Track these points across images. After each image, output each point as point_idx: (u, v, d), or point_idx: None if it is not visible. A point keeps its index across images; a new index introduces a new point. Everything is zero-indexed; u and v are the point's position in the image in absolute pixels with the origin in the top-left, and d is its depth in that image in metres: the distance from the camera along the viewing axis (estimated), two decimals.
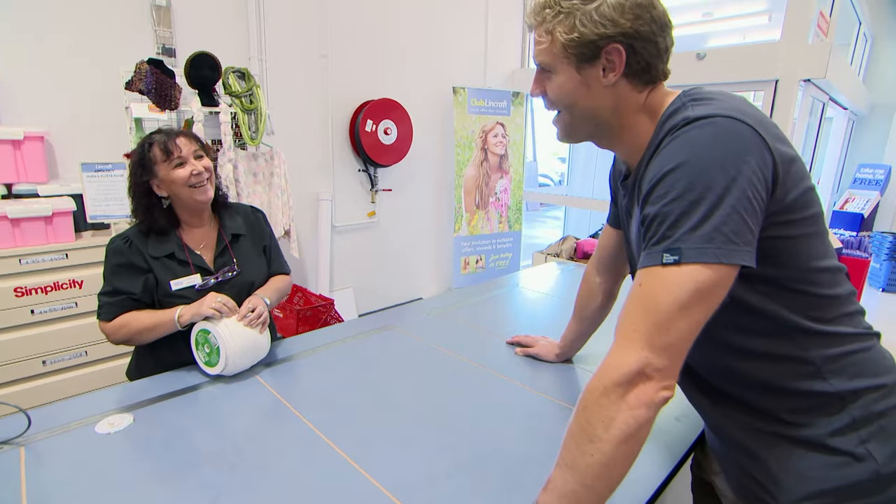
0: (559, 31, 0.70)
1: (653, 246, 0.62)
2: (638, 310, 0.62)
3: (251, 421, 1.04)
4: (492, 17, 4.23)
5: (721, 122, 0.62)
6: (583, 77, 0.72)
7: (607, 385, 0.61)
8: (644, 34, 0.69)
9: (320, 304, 2.82)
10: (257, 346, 1.21)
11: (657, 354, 0.59)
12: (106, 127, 2.30)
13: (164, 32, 2.46)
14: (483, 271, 4.49)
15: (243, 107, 2.37)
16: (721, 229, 0.58)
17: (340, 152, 3.41)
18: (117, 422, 1.00)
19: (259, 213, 1.49)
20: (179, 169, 1.23)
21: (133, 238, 1.25)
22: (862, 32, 5.30)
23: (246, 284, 1.35)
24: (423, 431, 0.99)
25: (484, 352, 1.37)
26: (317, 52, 3.12)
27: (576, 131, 0.79)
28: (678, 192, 0.60)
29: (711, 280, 0.59)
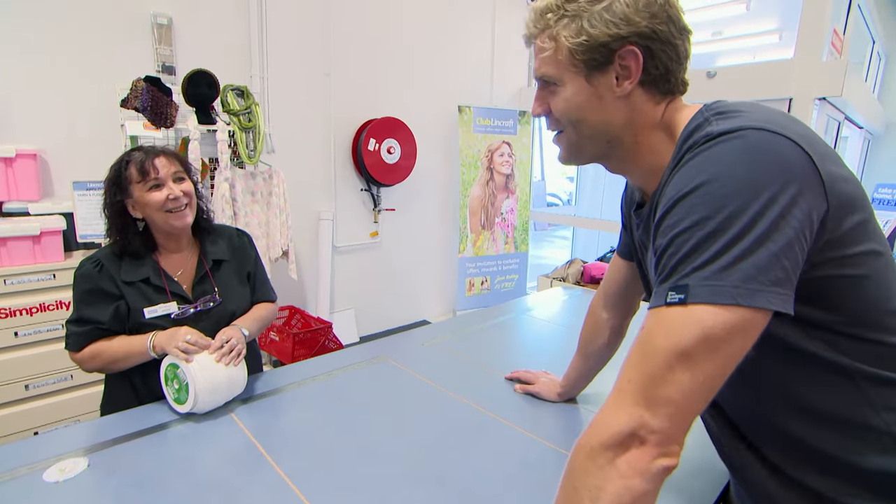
0: (564, 35, 0.62)
1: (661, 283, 0.52)
2: (636, 357, 0.52)
3: (219, 467, 0.94)
4: (498, 35, 4.21)
5: (751, 135, 0.51)
6: (594, 87, 0.63)
7: (594, 446, 0.51)
8: (662, 35, 0.60)
9: (318, 328, 2.73)
10: (231, 382, 1.12)
11: (653, 413, 0.49)
12: (101, 145, 2.26)
13: (164, 50, 2.43)
14: (489, 293, 4.38)
15: (241, 125, 2.32)
16: (740, 265, 0.48)
17: (343, 171, 3.36)
18: (69, 467, 0.90)
19: (245, 236, 1.40)
20: (155, 192, 1.15)
21: (104, 261, 1.17)
22: (876, 51, 5.21)
23: (227, 314, 1.26)
24: (407, 486, 0.89)
25: (481, 389, 1.26)
26: (320, 70, 3.10)
27: (582, 151, 0.69)
28: (694, 220, 0.50)
29: (725, 326, 0.47)
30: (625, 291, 0.99)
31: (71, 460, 0.93)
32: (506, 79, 4.40)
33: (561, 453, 0.98)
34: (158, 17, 2.41)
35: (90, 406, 2.10)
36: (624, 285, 0.98)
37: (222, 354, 1.11)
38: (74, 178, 2.01)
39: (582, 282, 2.67)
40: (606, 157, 0.69)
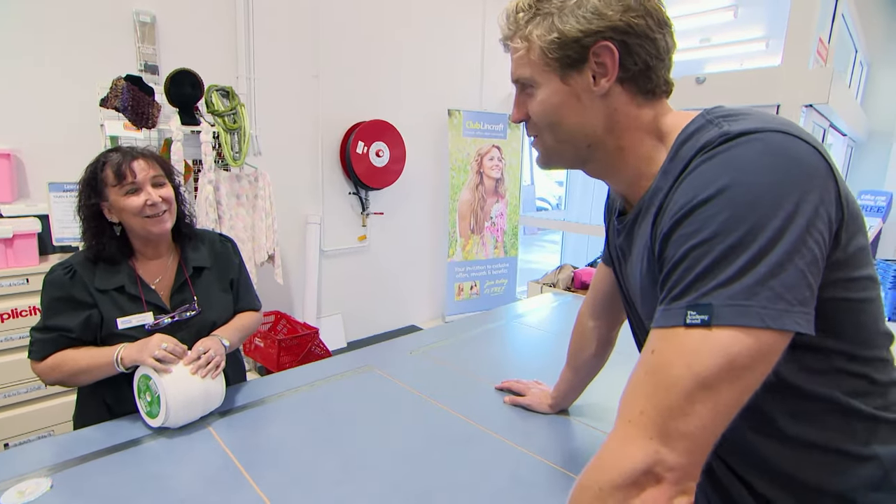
0: (536, 34, 0.59)
1: (673, 300, 0.47)
2: (647, 386, 0.47)
3: (193, 486, 0.89)
4: (488, 39, 4.19)
5: (774, 137, 0.47)
6: (570, 87, 0.59)
7: (604, 487, 0.46)
8: (639, 29, 0.56)
9: (305, 333, 2.67)
10: (208, 395, 1.07)
11: (671, 448, 0.44)
12: (79, 145, 2.19)
13: (147, 49, 2.37)
14: (478, 298, 4.35)
15: (226, 126, 2.27)
16: (768, 283, 0.43)
17: (330, 174, 3.31)
18: (30, 489, 0.84)
19: (228, 242, 1.35)
20: (132, 196, 1.09)
21: (77, 268, 1.11)
22: (858, 60, 5.30)
23: (207, 324, 1.21)
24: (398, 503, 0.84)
25: (470, 400, 1.22)
26: (308, 71, 3.05)
27: (560, 156, 0.66)
28: (714, 230, 0.46)
29: (751, 351, 0.43)
30: (612, 300, 0.95)
31: (33, 481, 0.87)
32: (496, 83, 4.38)
33: (553, 468, 0.95)
34: (141, 14, 2.35)
35: (64, 416, 2.03)
36: (611, 294, 0.94)
37: (199, 367, 1.06)
38: (50, 179, 1.94)
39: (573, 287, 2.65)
40: (587, 162, 0.65)
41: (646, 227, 0.60)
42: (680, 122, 0.59)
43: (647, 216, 0.59)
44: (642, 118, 0.60)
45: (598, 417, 1.13)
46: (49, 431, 2.01)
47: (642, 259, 0.61)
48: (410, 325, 4.08)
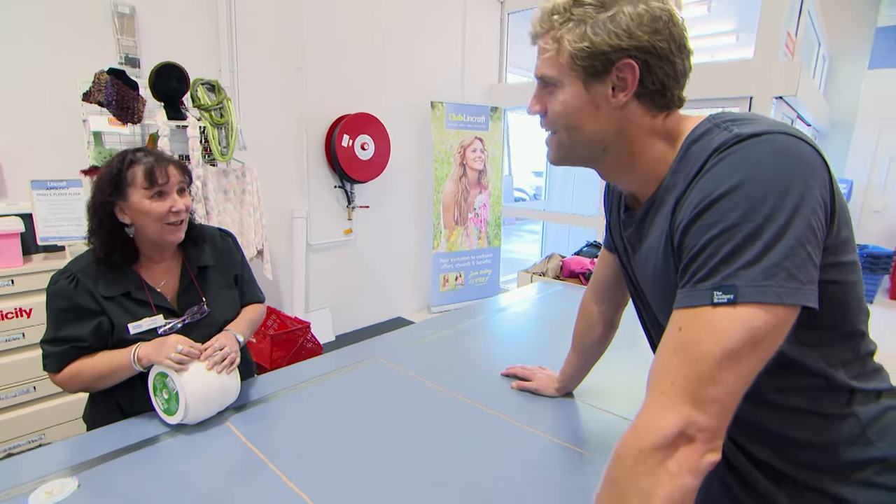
0: (568, 39, 0.62)
1: (698, 283, 0.53)
2: (677, 359, 0.53)
3: (221, 478, 0.91)
4: (469, 31, 4.21)
5: (780, 139, 0.53)
6: (590, 94, 0.64)
7: (643, 450, 0.51)
8: (661, 52, 0.61)
9: (296, 328, 2.67)
10: (224, 391, 1.08)
11: (702, 411, 0.50)
12: (61, 141, 2.13)
13: (127, 41, 2.31)
14: (463, 288, 4.40)
15: (213, 121, 2.23)
16: (783, 264, 0.50)
17: (316, 168, 3.29)
18: (57, 489, 0.85)
19: (229, 237, 1.34)
20: (159, 201, 1.07)
21: (79, 276, 1.08)
22: (821, 54, 5.51)
23: (216, 324, 1.21)
24: (420, 488, 0.88)
25: (478, 386, 1.26)
26: (292, 64, 3.01)
27: (573, 155, 0.70)
28: (733, 221, 0.52)
29: (769, 325, 0.50)
30: (615, 285, 1.01)
31: (58, 481, 0.87)
32: (477, 75, 4.41)
33: (564, 447, 1.00)
34: (120, 5, 2.28)
35: (54, 420, 1.99)
36: (613, 279, 1.00)
37: (214, 363, 1.07)
38: (33, 177, 1.88)
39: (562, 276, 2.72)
40: (598, 163, 0.70)
41: (661, 220, 0.64)
42: (688, 126, 0.64)
43: (662, 211, 0.64)
44: (654, 127, 0.65)
45: (602, 398, 1.19)
46: (40, 435, 1.97)
47: (657, 250, 0.65)
48: (397, 316, 4.10)
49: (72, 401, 2.01)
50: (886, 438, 0.60)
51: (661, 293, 0.68)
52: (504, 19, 4.60)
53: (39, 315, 1.89)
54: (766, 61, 3.17)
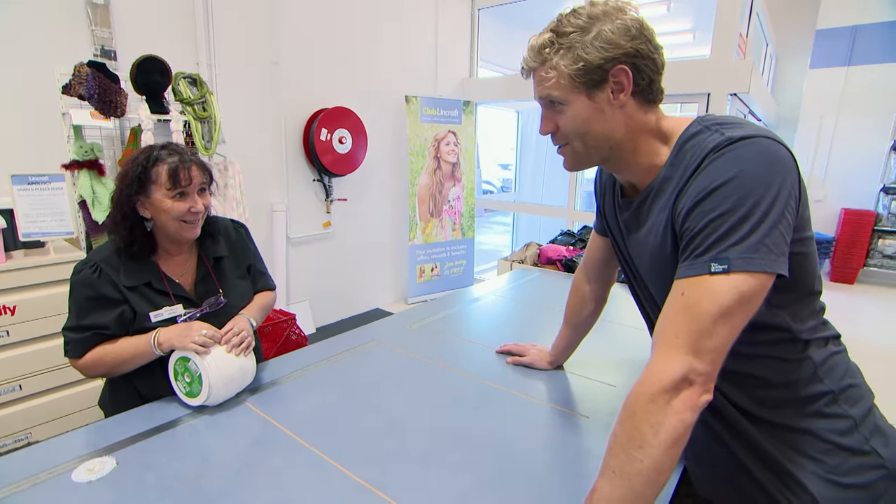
0: (563, 64, 0.73)
1: (697, 257, 0.65)
2: (680, 317, 0.65)
3: (250, 452, 0.98)
4: (441, 27, 4.27)
5: (764, 142, 0.66)
6: (595, 103, 0.75)
7: (654, 391, 0.63)
8: (643, 52, 0.73)
9: (282, 320, 2.70)
10: (243, 372, 1.14)
11: (700, 360, 0.63)
12: (41, 134, 2.08)
13: (102, 33, 2.27)
14: (439, 279, 4.50)
15: (196, 115, 2.23)
16: (765, 241, 0.62)
17: (294, 162, 3.30)
18: (98, 467, 0.90)
19: (242, 228, 1.39)
20: (180, 201, 1.12)
21: (102, 265, 1.12)
22: (769, 53, 5.88)
23: (233, 314, 1.26)
24: (436, 449, 0.98)
25: (475, 362, 1.37)
26: (268, 58, 3.01)
27: (588, 159, 0.82)
28: (728, 207, 0.64)
29: (754, 288, 0.63)
30: (605, 264, 1.14)
31: (97, 460, 0.92)
32: (449, 69, 4.49)
33: (565, 413, 1.12)
34: None
35: (40, 418, 1.97)
36: (604, 259, 1.13)
37: (233, 346, 1.13)
38: (13, 172, 1.85)
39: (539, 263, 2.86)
40: (608, 160, 0.82)
41: (659, 207, 0.76)
42: (679, 126, 0.77)
43: (660, 199, 0.76)
44: (648, 122, 0.77)
45: (590, 369, 1.32)
46: (27, 434, 1.95)
47: (657, 232, 0.77)
48: (375, 308, 4.16)
49: (56, 399, 1.99)
50: (831, 376, 0.75)
51: (657, 268, 0.80)
52: (475, 15, 4.69)
53: (25, 312, 1.87)
54: (721, 60, 3.39)
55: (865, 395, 0.78)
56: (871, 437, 0.74)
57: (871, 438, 0.74)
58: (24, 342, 1.88)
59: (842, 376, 0.76)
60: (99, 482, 0.87)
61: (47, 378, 1.95)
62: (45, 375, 1.94)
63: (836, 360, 0.76)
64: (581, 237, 2.98)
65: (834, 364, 0.76)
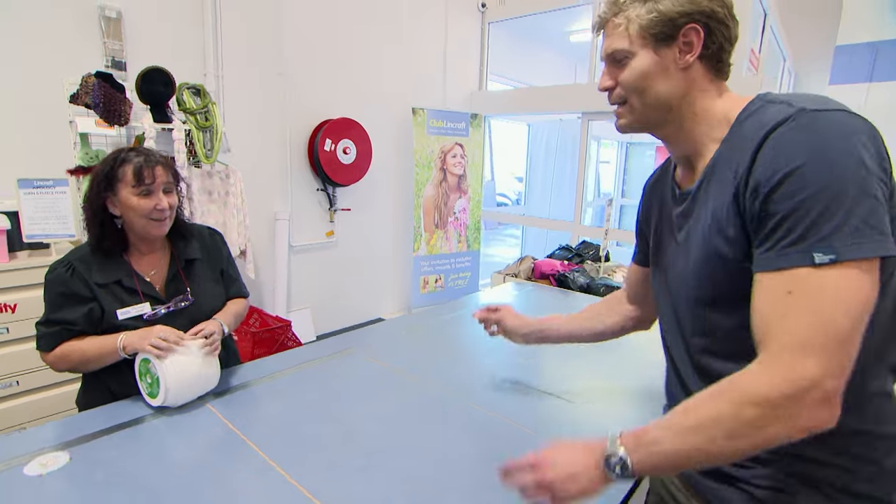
0: (637, 14, 0.72)
1: (789, 246, 0.58)
2: (803, 320, 0.56)
3: (202, 455, 1.00)
4: (451, 40, 4.33)
5: (838, 115, 0.59)
6: (661, 58, 0.72)
7: (783, 394, 0.56)
8: (719, 16, 0.70)
9: (277, 326, 2.74)
10: (203, 377, 1.16)
11: (836, 377, 0.55)
12: (48, 141, 2.18)
13: (113, 45, 2.37)
14: (442, 290, 4.51)
15: (198, 124, 2.31)
16: (869, 221, 0.55)
17: (299, 171, 3.37)
18: (51, 462, 0.93)
19: (217, 234, 1.43)
20: (145, 199, 1.16)
21: (76, 264, 1.17)
22: (787, 68, 5.79)
23: (201, 314, 1.29)
24: (382, 460, 0.98)
25: (445, 375, 1.37)
26: (274, 69, 3.09)
27: (644, 119, 0.77)
28: (815, 189, 0.56)
29: (872, 279, 0.56)
30: (645, 296, 1.02)
31: (51, 454, 0.95)
32: (458, 83, 4.53)
33: (522, 430, 1.11)
34: (106, 9, 2.34)
35: (40, 412, 2.03)
36: (645, 280, 0.99)
37: (205, 345, 1.15)
38: (20, 176, 1.93)
39: (533, 278, 2.84)
40: (665, 125, 0.76)
41: (718, 189, 0.68)
42: (740, 103, 0.71)
43: (718, 180, 0.69)
44: (712, 91, 0.73)
45: (581, 396, 1.31)
46: (20, 428, 2.01)
47: (715, 217, 0.68)
48: (377, 318, 4.18)
49: (52, 396, 2.05)
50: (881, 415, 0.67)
51: (703, 256, 0.71)
52: (485, 29, 4.74)
53: (25, 310, 1.94)
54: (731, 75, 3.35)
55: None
56: None
57: None
58: (23, 339, 1.95)
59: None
60: (49, 476, 0.90)
61: (44, 375, 2.01)
62: (41, 372, 2.01)
63: None
64: (578, 252, 2.96)
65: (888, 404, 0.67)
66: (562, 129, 5.81)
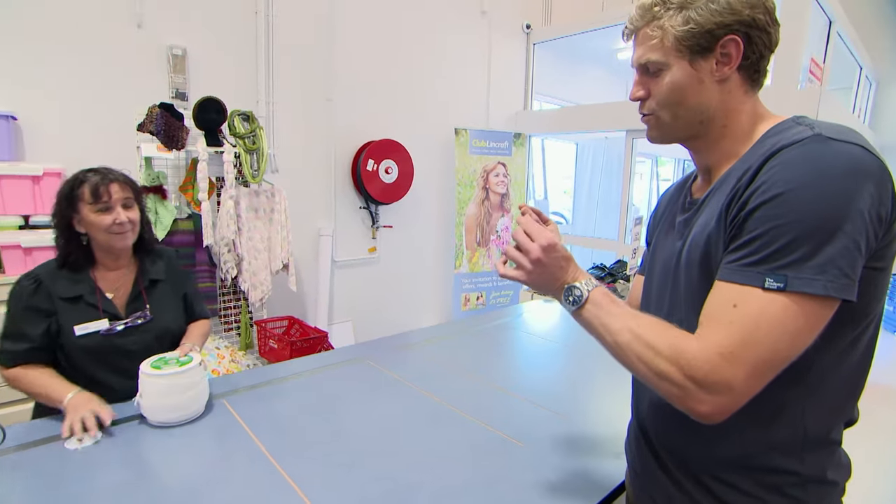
0: (671, 24, 0.67)
1: (750, 265, 0.59)
2: (739, 335, 0.58)
3: (206, 442, 1.09)
4: (495, 61, 4.43)
5: (855, 151, 0.57)
6: (696, 70, 0.68)
7: (693, 377, 0.59)
8: (760, 23, 0.65)
9: (315, 336, 2.88)
10: (180, 408, 1.16)
11: (746, 395, 0.58)
12: (118, 164, 2.43)
13: (178, 78, 2.66)
14: (484, 307, 4.51)
15: (246, 147, 2.52)
16: (836, 262, 0.55)
17: (342, 190, 3.55)
18: (86, 439, 1.06)
19: (182, 259, 1.50)
20: (104, 214, 1.22)
21: (43, 278, 1.23)
22: (864, 76, 5.36)
23: (158, 330, 1.34)
24: (365, 458, 1.03)
25: (444, 386, 1.40)
26: (322, 95, 3.31)
27: (674, 131, 0.74)
28: (793, 217, 0.56)
29: (817, 315, 0.56)
30: None
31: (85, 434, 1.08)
32: (502, 103, 4.60)
33: (504, 438, 1.12)
34: (174, 48, 2.64)
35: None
36: None
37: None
38: None
39: None
40: (695, 138, 0.73)
41: (720, 198, 0.67)
42: (771, 121, 0.70)
43: (722, 190, 0.68)
44: (745, 104, 0.70)
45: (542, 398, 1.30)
46: None
47: (709, 222, 0.67)
48: None
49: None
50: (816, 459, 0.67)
51: (695, 259, 0.70)
52: (530, 49, 4.80)
53: None
54: (783, 89, 3.18)
55: None
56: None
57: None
58: None
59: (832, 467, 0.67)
60: (84, 449, 1.03)
61: None
62: None
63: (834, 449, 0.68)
64: (612, 272, 2.88)
65: (829, 451, 0.67)
66: (608, 146, 5.70)
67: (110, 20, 2.45)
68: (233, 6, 2.86)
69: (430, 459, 1.03)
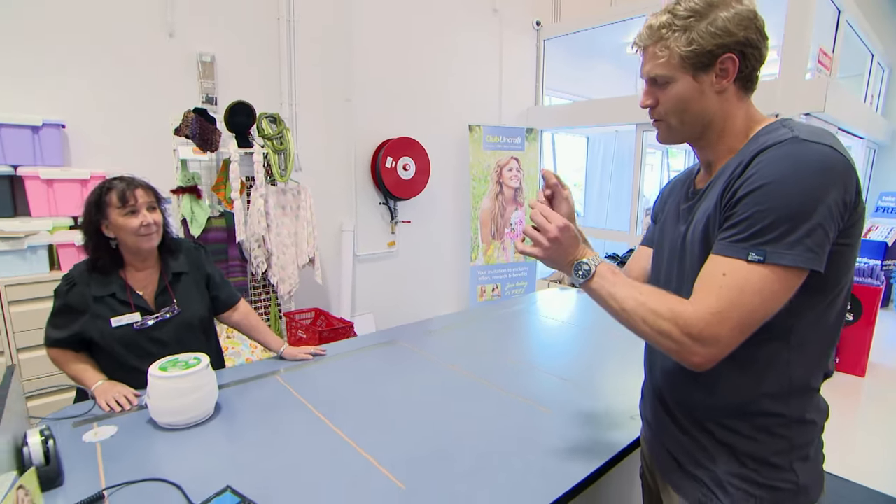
0: (677, 45, 0.78)
1: (736, 242, 0.71)
2: (727, 297, 0.71)
3: (262, 411, 1.23)
4: (506, 58, 4.52)
5: (825, 150, 0.69)
6: (699, 83, 0.79)
7: (689, 333, 0.72)
8: (753, 42, 0.77)
9: (341, 326, 3.02)
10: (185, 409, 1.17)
11: (730, 346, 0.71)
12: (156, 167, 2.61)
13: (207, 84, 2.80)
14: (499, 299, 4.63)
15: (274, 148, 2.66)
16: (804, 241, 0.68)
17: (362, 187, 3.69)
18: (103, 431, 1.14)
19: (201, 249, 1.57)
20: (131, 217, 1.31)
21: (77, 280, 1.33)
22: (876, 62, 5.35)
23: (185, 322, 1.43)
24: (410, 423, 1.16)
25: (473, 362, 1.52)
26: (342, 96, 3.44)
27: (680, 134, 0.86)
28: (773, 204, 0.69)
29: (789, 282, 0.69)
30: (642, 274, 1.10)
31: (104, 427, 1.16)
32: (514, 99, 4.70)
33: (534, 407, 1.24)
34: (203, 55, 2.78)
35: None
36: (644, 270, 1.09)
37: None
38: None
39: None
40: (699, 139, 0.85)
41: (716, 190, 0.79)
42: (762, 122, 0.82)
43: (720, 180, 0.80)
44: (740, 110, 0.82)
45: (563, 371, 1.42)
46: None
47: (710, 207, 0.80)
48: None
49: None
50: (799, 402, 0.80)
51: (697, 238, 0.83)
52: (540, 46, 4.89)
53: None
54: (791, 78, 3.24)
55: (817, 436, 0.81)
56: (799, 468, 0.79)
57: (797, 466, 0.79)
58: None
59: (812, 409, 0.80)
60: (101, 443, 1.09)
61: None
62: None
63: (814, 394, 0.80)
64: (623, 260, 2.98)
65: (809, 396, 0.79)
66: (618, 139, 5.77)
67: (146, 31, 2.60)
68: (256, 13, 2.99)
69: (469, 423, 1.16)
